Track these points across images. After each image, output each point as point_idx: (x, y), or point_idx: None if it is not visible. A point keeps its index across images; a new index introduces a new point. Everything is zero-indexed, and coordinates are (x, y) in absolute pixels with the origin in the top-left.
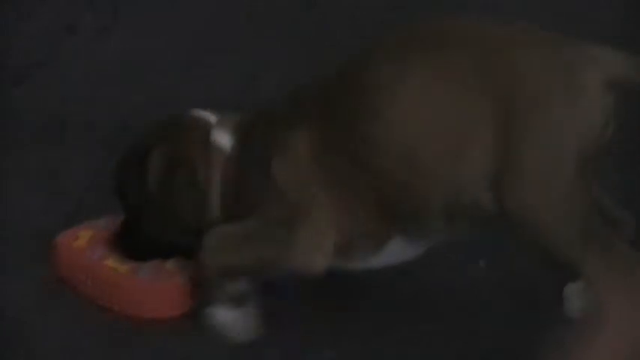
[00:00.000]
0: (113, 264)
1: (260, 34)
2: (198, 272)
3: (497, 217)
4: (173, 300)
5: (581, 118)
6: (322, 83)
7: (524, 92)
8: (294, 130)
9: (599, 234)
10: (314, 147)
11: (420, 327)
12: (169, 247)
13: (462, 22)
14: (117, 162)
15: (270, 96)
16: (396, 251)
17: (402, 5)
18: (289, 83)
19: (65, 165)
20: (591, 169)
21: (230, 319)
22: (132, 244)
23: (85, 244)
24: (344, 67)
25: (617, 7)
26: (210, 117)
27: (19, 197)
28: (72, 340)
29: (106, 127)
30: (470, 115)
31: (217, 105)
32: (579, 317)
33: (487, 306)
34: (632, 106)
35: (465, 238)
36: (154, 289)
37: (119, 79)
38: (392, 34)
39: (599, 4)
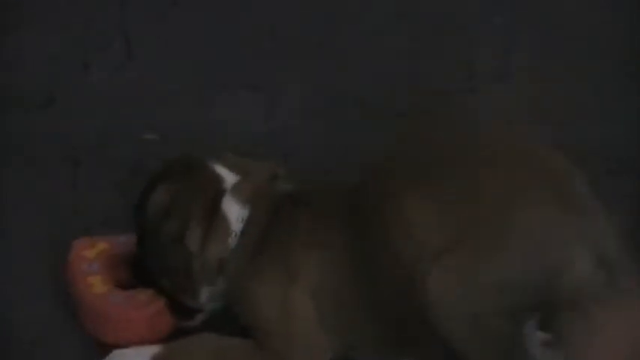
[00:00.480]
0: (95, 281)
1: (274, 71)
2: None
3: None
4: (134, 331)
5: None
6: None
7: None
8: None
9: None
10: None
11: None
12: (162, 285)
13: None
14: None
15: (286, 131)
16: None
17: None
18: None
19: (77, 203)
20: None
21: None
22: (136, 270)
23: (92, 255)
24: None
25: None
26: (229, 176)
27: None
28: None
29: (118, 167)
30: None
31: (232, 139)
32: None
33: None
34: None
35: None
36: (117, 316)
37: (132, 116)
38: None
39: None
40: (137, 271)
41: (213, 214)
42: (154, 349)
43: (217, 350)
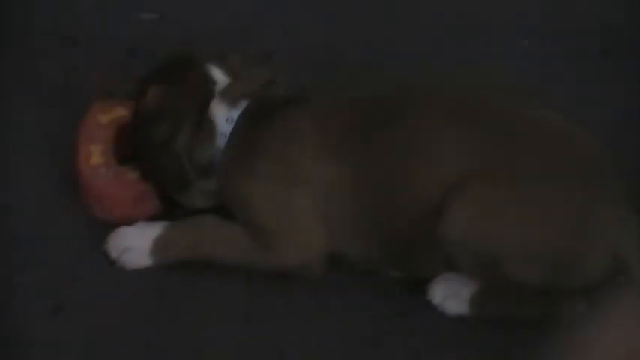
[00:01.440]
0: (95, 150)
1: None
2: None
3: None
4: (116, 208)
5: None
6: (349, 101)
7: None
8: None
9: None
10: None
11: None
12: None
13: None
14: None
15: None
16: None
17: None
18: None
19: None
20: None
21: None
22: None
23: (106, 120)
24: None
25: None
26: (222, 79)
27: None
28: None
29: (117, 47)
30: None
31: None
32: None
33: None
34: None
35: None
36: (99, 191)
37: None
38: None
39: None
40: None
41: (201, 116)
42: (156, 231)
43: (219, 235)
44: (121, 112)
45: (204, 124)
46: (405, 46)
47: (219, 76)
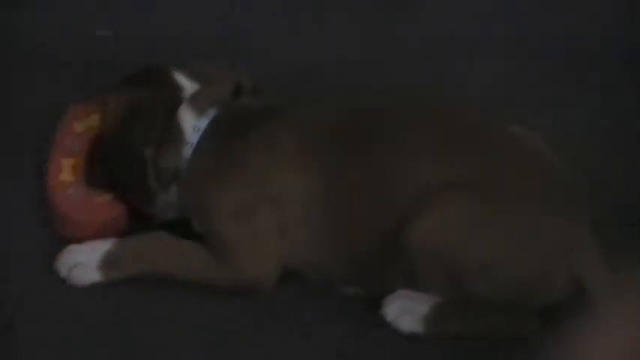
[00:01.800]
0: (66, 166)
1: None
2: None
3: None
4: (81, 232)
5: None
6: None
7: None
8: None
9: None
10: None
11: None
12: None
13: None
14: None
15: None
16: None
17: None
18: None
19: (32, 103)
20: None
21: None
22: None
23: (81, 129)
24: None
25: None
26: (189, 86)
27: None
28: None
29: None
30: None
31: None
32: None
33: None
34: None
35: None
36: (66, 214)
37: (85, 12)
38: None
39: None
40: (93, 179)
41: (169, 123)
42: (106, 246)
43: (170, 249)
44: (97, 120)
45: (171, 132)
46: (367, 66)
47: (185, 82)
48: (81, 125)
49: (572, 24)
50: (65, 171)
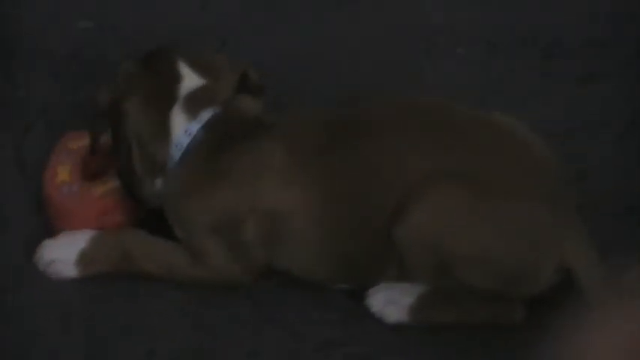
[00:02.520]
0: (61, 171)
1: None
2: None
3: None
4: (79, 223)
5: None
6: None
7: None
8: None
9: None
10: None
11: None
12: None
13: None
14: None
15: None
16: None
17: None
18: None
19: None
20: None
21: None
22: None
23: (75, 146)
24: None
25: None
26: (190, 79)
27: None
28: None
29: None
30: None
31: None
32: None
33: None
34: None
35: None
36: (61, 206)
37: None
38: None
39: None
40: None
41: (161, 118)
42: (83, 242)
43: (147, 247)
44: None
45: (161, 128)
46: (340, 56)
47: (187, 73)
48: (75, 144)
49: (550, 12)
50: (61, 174)
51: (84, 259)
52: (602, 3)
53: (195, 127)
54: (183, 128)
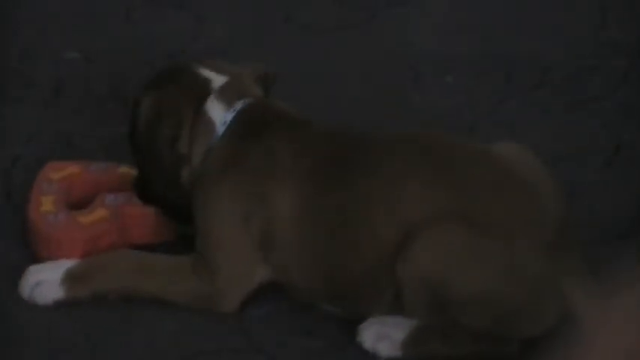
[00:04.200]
0: (45, 201)
1: None
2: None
3: None
4: (66, 252)
5: None
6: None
7: None
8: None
9: None
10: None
11: None
12: (160, 199)
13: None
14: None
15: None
16: None
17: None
18: None
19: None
20: None
21: None
22: (139, 190)
23: (57, 177)
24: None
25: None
26: (216, 78)
27: None
28: None
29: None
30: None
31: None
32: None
33: None
34: None
35: None
36: (48, 235)
37: (54, 34)
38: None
39: None
40: (141, 192)
41: (199, 116)
42: (70, 263)
43: (134, 263)
44: (73, 169)
45: (200, 124)
46: (328, 82)
47: (212, 75)
48: (57, 174)
49: (538, 41)
50: (45, 204)
51: (71, 278)
52: (589, 32)
53: (229, 116)
54: (220, 119)
